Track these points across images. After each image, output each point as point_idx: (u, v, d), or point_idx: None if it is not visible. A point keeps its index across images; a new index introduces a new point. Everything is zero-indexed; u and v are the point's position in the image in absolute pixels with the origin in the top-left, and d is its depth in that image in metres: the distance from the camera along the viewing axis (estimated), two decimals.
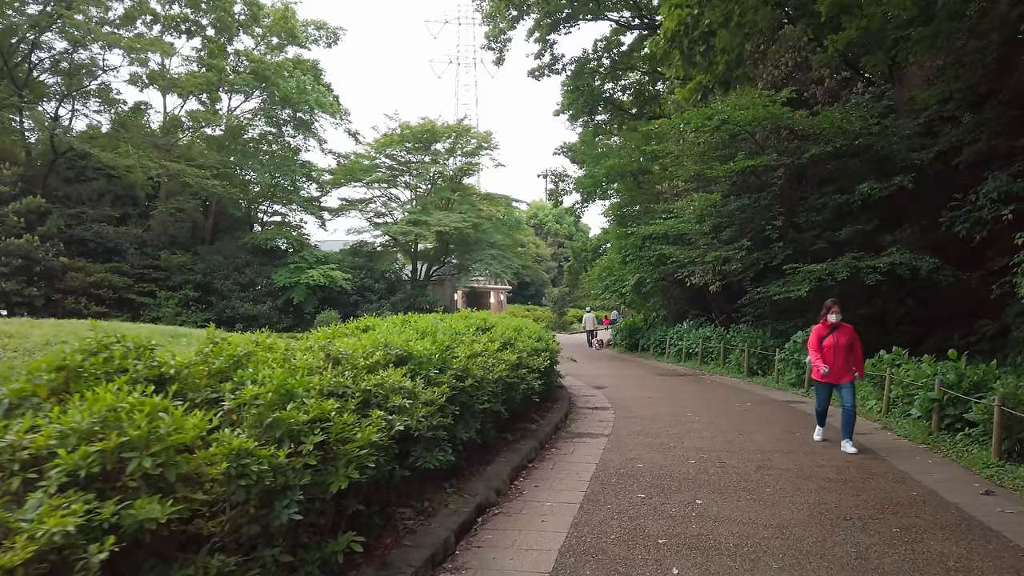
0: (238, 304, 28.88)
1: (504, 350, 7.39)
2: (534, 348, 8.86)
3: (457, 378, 5.49)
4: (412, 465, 4.62)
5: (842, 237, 14.49)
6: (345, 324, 6.57)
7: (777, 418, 9.98)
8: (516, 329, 9.51)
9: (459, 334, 7.17)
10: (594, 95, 32.39)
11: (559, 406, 10.26)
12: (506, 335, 8.22)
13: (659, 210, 20.49)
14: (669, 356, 22.20)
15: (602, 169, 23.33)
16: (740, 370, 16.68)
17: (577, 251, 37.58)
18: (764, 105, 14.78)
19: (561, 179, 29.65)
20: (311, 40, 34.60)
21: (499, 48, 31.89)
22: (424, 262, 37.53)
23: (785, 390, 13.70)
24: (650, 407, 11.09)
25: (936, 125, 14.38)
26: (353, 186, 35.52)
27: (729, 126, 15.27)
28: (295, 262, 29.51)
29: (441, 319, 7.90)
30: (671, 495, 5.61)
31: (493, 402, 6.37)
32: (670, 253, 18.89)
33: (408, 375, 4.83)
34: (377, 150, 34.85)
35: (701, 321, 22.35)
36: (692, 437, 8.30)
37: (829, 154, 14.74)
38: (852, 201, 14.35)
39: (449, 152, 36.12)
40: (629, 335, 28.15)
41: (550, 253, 65.48)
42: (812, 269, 13.93)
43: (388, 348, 5.10)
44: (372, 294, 32.00)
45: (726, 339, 18.46)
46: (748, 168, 15.09)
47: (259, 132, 34.55)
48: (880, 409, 9.97)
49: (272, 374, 3.40)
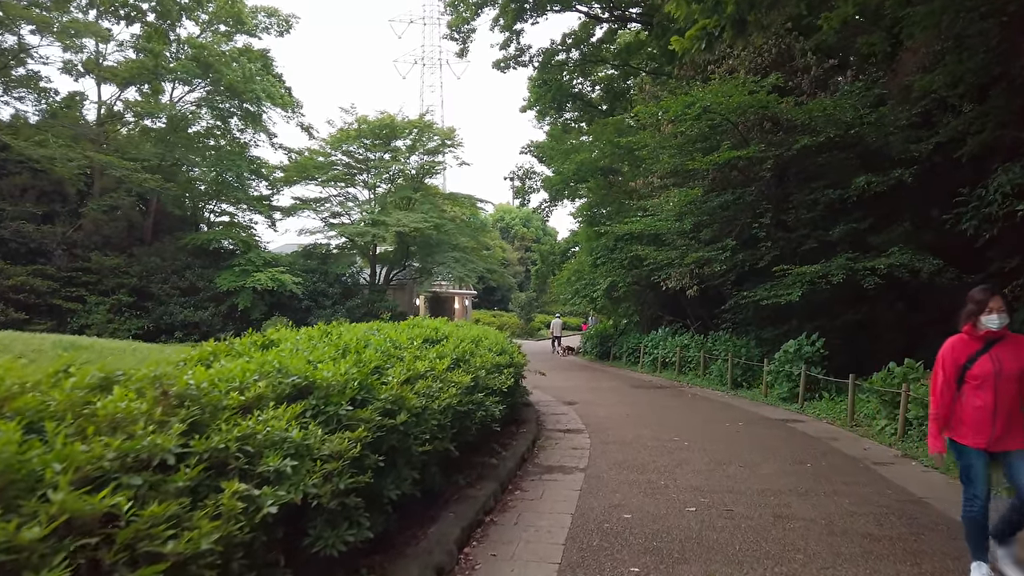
0: (177, 310, 26.78)
1: (456, 369, 5.97)
2: (496, 364, 7.44)
3: (385, 413, 4.06)
4: (308, 550, 3.18)
5: (835, 236, 13.40)
6: (240, 339, 5.06)
7: (777, 443, 8.72)
8: (475, 340, 8.09)
9: (399, 349, 5.73)
10: (562, 90, 31.19)
11: (526, 430, 8.86)
12: (461, 349, 6.80)
13: (634, 207, 19.24)
14: (644, 366, 20.98)
15: (571, 165, 22.02)
16: (723, 382, 15.49)
17: (545, 254, 36.38)
18: (750, 91, 13.64)
19: (528, 176, 28.39)
20: (261, 28, 32.68)
21: (463, 38, 30.53)
22: (383, 265, 35.82)
23: (776, 405, 12.51)
24: (630, 428, 9.76)
25: (935, 114, 13.39)
26: (307, 184, 33.67)
27: (711, 115, 14.12)
28: (241, 264, 27.54)
29: (378, 329, 6.44)
30: (675, 568, 4.23)
31: (440, 439, 4.95)
32: (645, 255, 17.67)
33: (307, 414, 3.39)
34: (333, 146, 33.08)
35: (676, 328, 21.20)
36: (685, 471, 6.96)
37: (820, 145, 13.66)
38: (846, 197, 13.28)
39: (410, 149, 34.52)
40: (600, 342, 26.91)
41: (517, 257, 64.20)
42: (804, 271, 12.81)
43: (282, 375, 3.64)
44: (326, 299, 30.17)
45: (706, 348, 17.29)
46: (733, 160, 13.93)
47: (206, 125, 32.56)
48: (894, 431, 8.78)
49: None
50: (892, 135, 13.53)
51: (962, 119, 12.69)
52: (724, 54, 17.34)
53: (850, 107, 13.51)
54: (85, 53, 30.30)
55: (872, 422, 9.69)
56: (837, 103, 13.43)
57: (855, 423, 9.93)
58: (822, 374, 12.28)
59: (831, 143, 13.62)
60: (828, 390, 12.21)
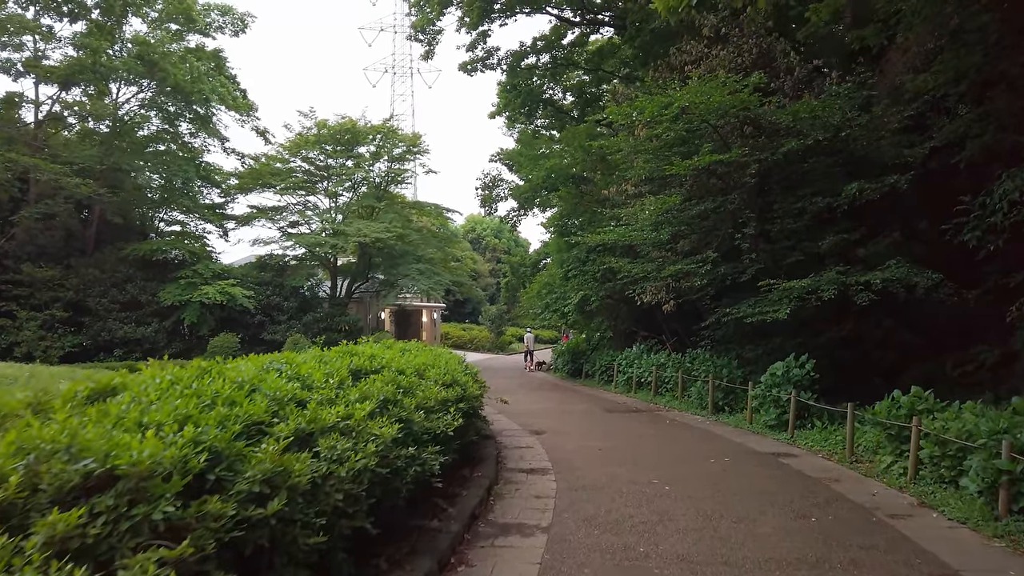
0: (116, 326, 24.94)
1: (384, 414, 4.78)
2: (441, 400, 6.25)
3: (251, 499, 2.86)
4: None
5: (824, 248, 12.46)
6: (66, 389, 3.80)
7: (772, 485, 7.62)
8: (420, 370, 6.90)
9: (309, 390, 4.54)
10: (532, 95, 30.21)
11: (481, 473, 7.66)
12: (396, 383, 5.61)
13: (607, 216, 18.19)
14: (617, 385, 19.89)
15: (541, 172, 20.92)
16: (703, 406, 14.45)
17: (515, 266, 35.31)
18: (732, 91, 12.70)
19: (495, 184, 27.21)
20: (215, 27, 31.15)
21: (428, 40, 29.41)
22: (345, 278, 34.38)
23: (763, 434, 11.46)
24: (603, 466, 8.61)
25: (930, 117, 12.58)
26: (264, 192, 32.15)
27: (690, 116, 13.13)
28: (187, 277, 25.83)
29: (286, 362, 5.20)
30: None
31: (350, 516, 3.77)
32: (619, 267, 16.61)
33: (99, 521, 2.20)
34: (291, 152, 31.65)
35: (652, 344, 20.19)
36: (669, 530, 5.82)
37: (807, 149, 12.76)
38: (836, 205, 12.36)
39: (374, 156, 33.21)
40: (572, 359, 25.77)
41: (488, 269, 62.95)
42: (791, 286, 11.83)
43: (69, 457, 2.42)
44: (280, 314, 28.57)
45: (684, 367, 16.25)
46: (713, 166, 12.94)
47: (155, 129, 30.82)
48: (903, 471, 7.74)
49: None
50: (884, 139, 12.70)
51: (959, 122, 11.89)
52: (702, 54, 16.50)
53: (838, 109, 12.65)
54: (26, 52, 28.63)
55: (875, 458, 8.67)
56: (825, 104, 12.55)
57: (855, 458, 8.90)
58: (813, 400, 11.28)
59: (819, 147, 12.73)
60: (820, 417, 11.19)
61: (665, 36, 19.67)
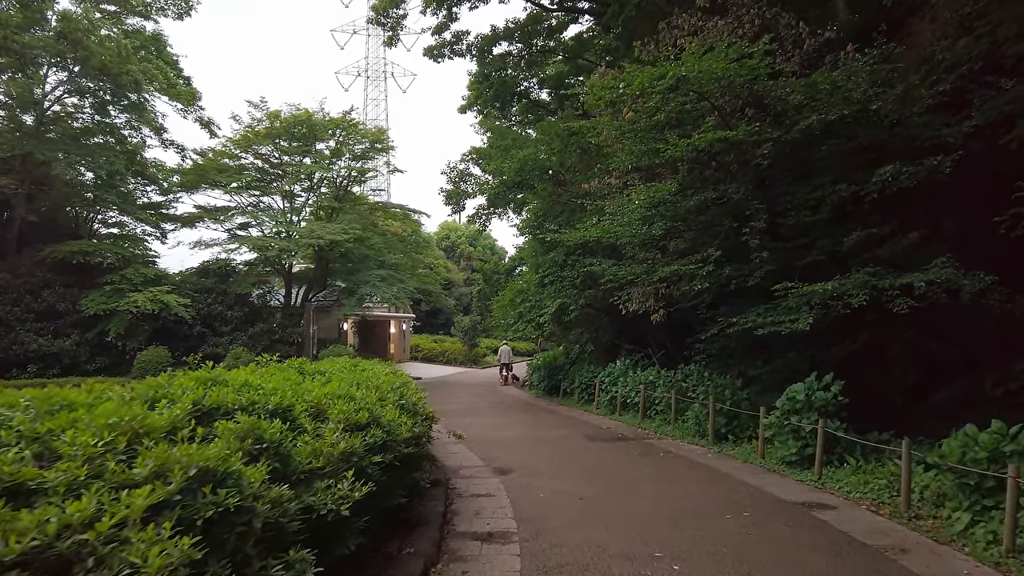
0: (29, 339, 22.36)
1: (195, 501, 2.73)
2: (342, 453, 4.20)
3: None
4: None
5: (848, 245, 10.63)
6: None
7: (820, 561, 5.66)
8: (317, 409, 4.87)
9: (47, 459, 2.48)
10: (506, 86, 28.30)
11: (416, 543, 5.61)
12: (249, 438, 3.58)
13: (588, 212, 16.21)
14: (600, 405, 17.91)
15: (513, 164, 18.86)
16: (702, 433, 12.53)
17: (488, 274, 33.39)
18: (739, 56, 10.88)
19: (463, 179, 25.16)
20: (156, 9, 28.93)
21: (392, 24, 27.47)
22: (301, 285, 32.10)
23: (781, 472, 9.54)
24: (586, 527, 6.61)
25: (972, 91, 10.82)
26: (211, 191, 29.81)
27: (688, 87, 11.26)
28: (113, 283, 23.33)
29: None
30: None
31: None
32: (602, 271, 14.64)
33: None
34: (242, 147, 29.39)
35: (638, 359, 18.27)
36: None
37: (827, 128, 10.96)
38: (864, 194, 10.54)
39: (335, 153, 31.04)
40: (548, 375, 23.72)
41: (463, 278, 60.72)
42: (813, 291, 9.96)
43: None
44: (223, 325, 26.14)
45: (677, 386, 14.33)
46: (717, 145, 11.08)
47: (89, 121, 28.34)
48: (992, 539, 5.84)
49: None
50: (916, 116, 10.93)
51: (1007, 95, 10.18)
52: (696, 28, 14.68)
53: (863, 81, 10.89)
54: None
55: (940, 512, 6.76)
56: (851, 72, 10.77)
57: (913, 513, 6.98)
58: (842, 429, 9.38)
59: (841, 125, 10.93)
60: (851, 452, 9.29)
61: (652, 12, 17.87)
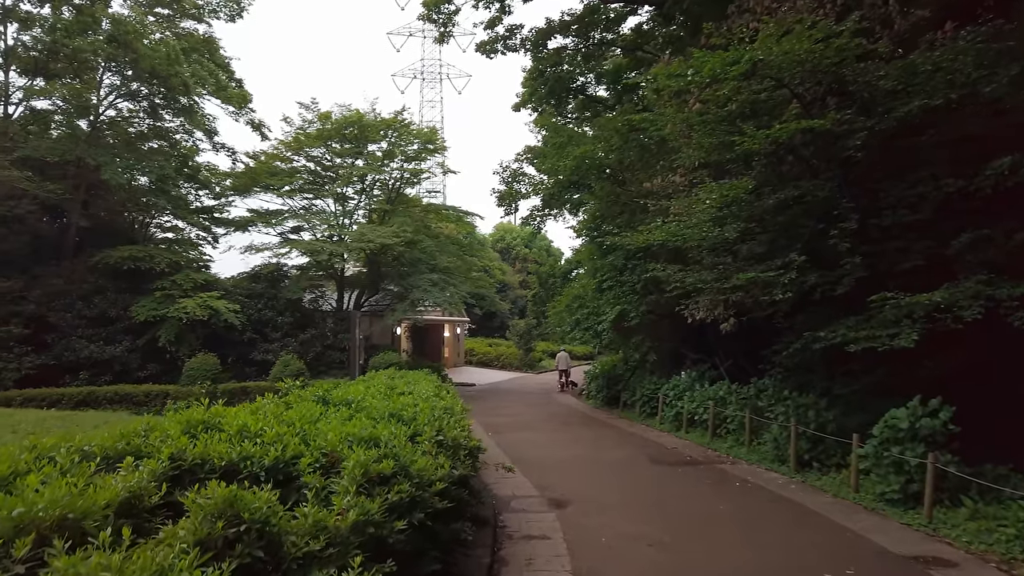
0: (81, 345, 22.47)
1: None
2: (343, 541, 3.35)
3: None
4: None
5: (956, 248, 9.32)
6: None
7: None
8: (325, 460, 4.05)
9: None
10: (561, 82, 27.31)
11: None
12: None
13: (651, 213, 15.10)
14: (664, 421, 16.79)
15: (569, 161, 17.88)
16: (781, 459, 11.35)
17: (543, 277, 32.40)
18: (826, 35, 9.72)
19: (516, 179, 24.30)
20: (208, 11, 29.05)
21: (443, 21, 26.82)
22: (353, 290, 31.77)
23: (881, 512, 8.34)
24: None
25: None
26: (264, 195, 29.74)
27: (767, 71, 10.13)
28: (164, 289, 23.28)
29: None
30: None
31: None
32: (667, 277, 13.52)
33: None
34: (294, 150, 29.23)
35: (704, 370, 17.06)
36: None
37: (928, 115, 9.67)
38: (975, 189, 9.23)
39: (387, 155, 30.61)
40: (607, 384, 22.67)
41: (518, 280, 59.94)
42: (917, 302, 8.71)
43: None
44: (273, 331, 25.88)
45: (751, 404, 13.14)
46: (802, 136, 9.91)
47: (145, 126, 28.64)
48: None
49: None
50: None
51: None
52: (770, 7, 13.48)
53: (969, 63, 9.58)
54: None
55: None
56: (957, 52, 9.47)
57: None
58: (953, 463, 8.13)
59: (947, 110, 9.63)
60: (967, 491, 8.03)
61: None
